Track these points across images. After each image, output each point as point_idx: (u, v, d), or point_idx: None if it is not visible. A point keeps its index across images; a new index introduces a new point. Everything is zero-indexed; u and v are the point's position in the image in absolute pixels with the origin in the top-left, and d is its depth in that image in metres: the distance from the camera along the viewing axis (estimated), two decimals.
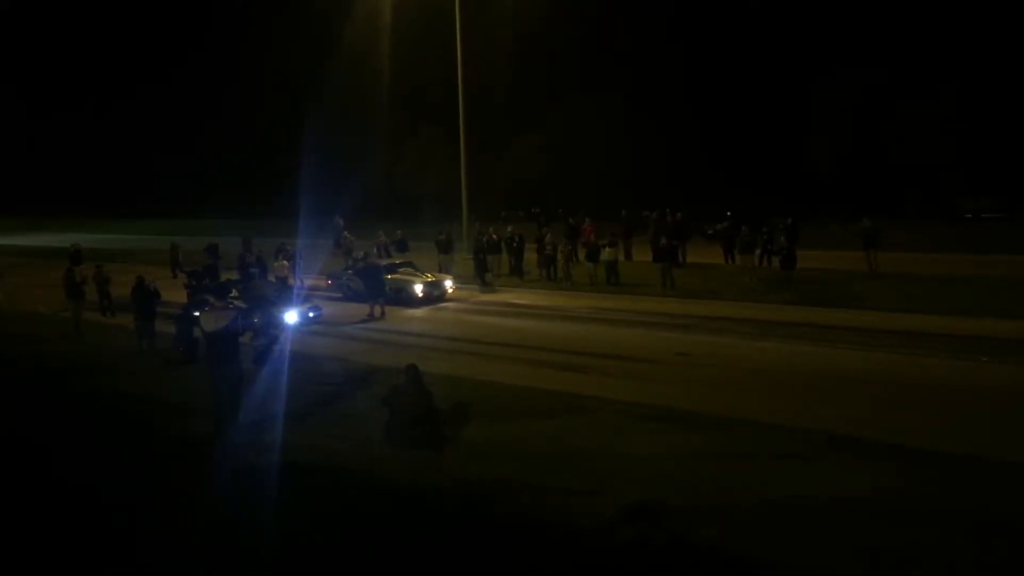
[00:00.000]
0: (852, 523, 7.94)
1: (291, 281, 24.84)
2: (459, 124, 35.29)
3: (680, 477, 9.21)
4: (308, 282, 25.37)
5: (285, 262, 26.01)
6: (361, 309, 21.62)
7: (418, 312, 21.87)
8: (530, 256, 27.43)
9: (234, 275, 24.18)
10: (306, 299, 20.83)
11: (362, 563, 7.55)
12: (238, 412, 11.50)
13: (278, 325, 17.98)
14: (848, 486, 8.77)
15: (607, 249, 25.23)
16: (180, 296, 21.91)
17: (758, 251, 25.29)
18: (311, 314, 20.03)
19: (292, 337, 17.38)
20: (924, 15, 44.45)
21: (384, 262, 25.54)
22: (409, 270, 24.14)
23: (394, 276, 23.21)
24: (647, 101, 50.33)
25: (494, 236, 28.31)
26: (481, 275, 26.47)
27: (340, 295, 24.09)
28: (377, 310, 21.29)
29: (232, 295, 19.09)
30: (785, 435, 10.64)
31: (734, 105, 49.67)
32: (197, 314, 14.14)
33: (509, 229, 29.01)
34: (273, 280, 24.04)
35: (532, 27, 48.45)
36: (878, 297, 20.77)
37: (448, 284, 23.97)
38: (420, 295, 22.72)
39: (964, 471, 9.19)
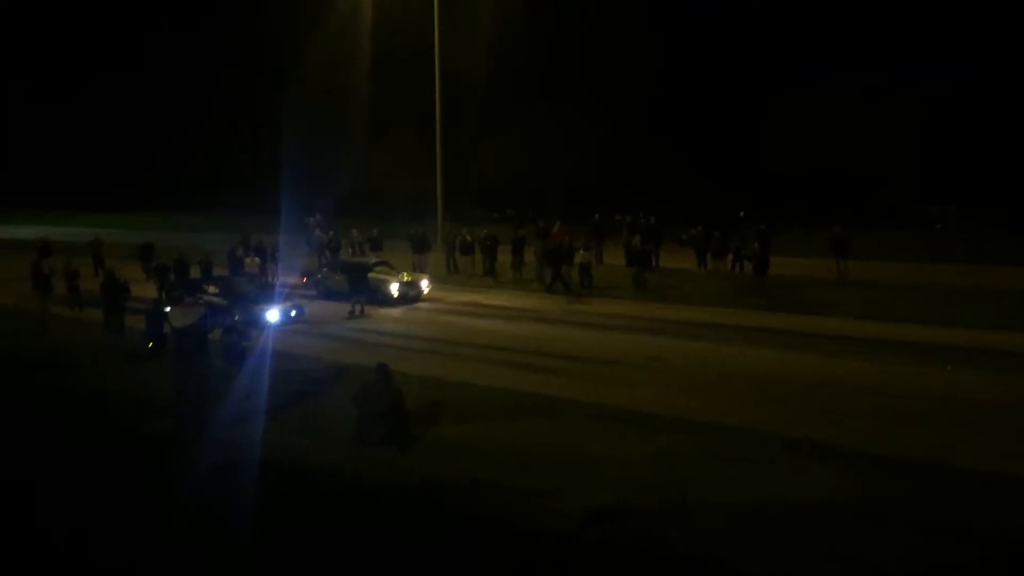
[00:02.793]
0: (818, 525, 8.08)
1: (263, 279, 24.71)
2: (435, 125, 35.34)
3: (648, 479, 9.30)
4: (283, 279, 25.21)
5: (257, 259, 25.83)
6: (336, 307, 21.56)
7: (393, 312, 21.82)
8: (504, 259, 27.43)
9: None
10: (288, 297, 20.67)
11: (329, 561, 7.57)
12: (203, 410, 11.41)
13: (258, 323, 17.83)
14: (813, 489, 8.91)
15: (581, 252, 25.29)
16: (151, 292, 21.74)
17: (730, 256, 25.52)
18: (293, 312, 19.93)
19: (272, 335, 17.26)
20: (896, 24, 45.23)
21: (361, 261, 25.45)
22: (385, 269, 24.07)
23: (370, 275, 23.14)
24: (622, 106, 50.74)
25: (467, 237, 28.32)
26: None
27: (314, 293, 24.00)
28: (358, 308, 21.22)
29: (209, 291, 18.96)
30: (753, 439, 10.75)
31: (708, 111, 50.21)
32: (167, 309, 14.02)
33: (484, 231, 29.00)
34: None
35: (510, 30, 48.71)
36: (846, 304, 21.05)
37: (424, 284, 23.94)
38: (396, 295, 22.66)
39: (924, 476, 9.35)
